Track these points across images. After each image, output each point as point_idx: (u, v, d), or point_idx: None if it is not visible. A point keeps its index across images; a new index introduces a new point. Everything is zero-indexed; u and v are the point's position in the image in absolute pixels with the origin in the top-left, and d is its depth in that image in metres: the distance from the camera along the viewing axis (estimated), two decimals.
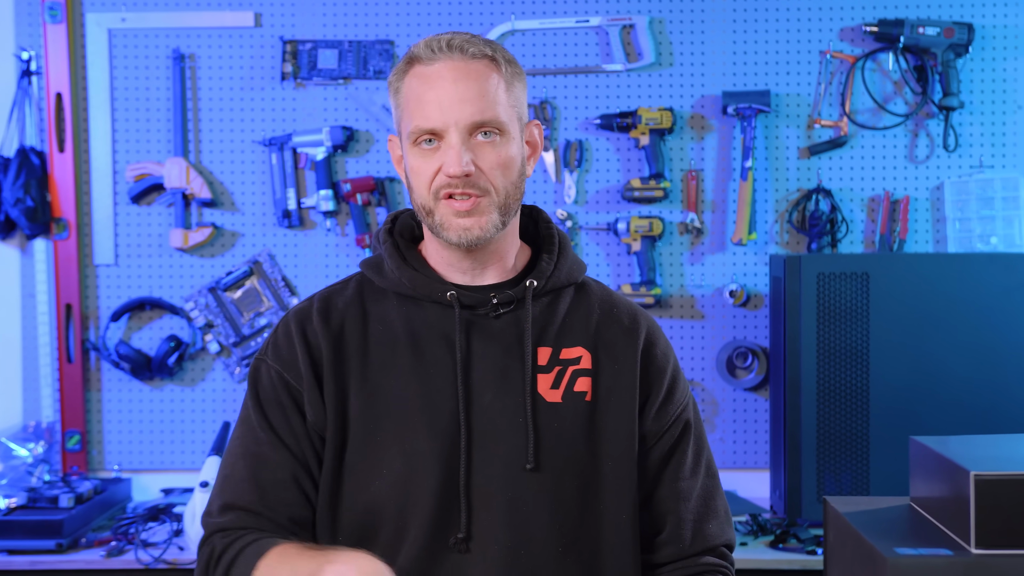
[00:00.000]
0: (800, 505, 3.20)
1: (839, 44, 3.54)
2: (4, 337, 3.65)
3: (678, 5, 3.55)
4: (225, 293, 3.63)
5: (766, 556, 3.02)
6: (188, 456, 3.63)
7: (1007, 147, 3.53)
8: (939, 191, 3.54)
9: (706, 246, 3.59)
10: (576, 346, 1.89)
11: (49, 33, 3.54)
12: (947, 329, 3.17)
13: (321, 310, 1.87)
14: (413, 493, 1.80)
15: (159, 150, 3.61)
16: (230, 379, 3.65)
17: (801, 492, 3.20)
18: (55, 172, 3.57)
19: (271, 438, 1.82)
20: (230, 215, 3.63)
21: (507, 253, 1.90)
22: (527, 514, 1.81)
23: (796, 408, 3.21)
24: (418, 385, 1.82)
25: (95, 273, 3.64)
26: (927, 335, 3.17)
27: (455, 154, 1.74)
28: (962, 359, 3.17)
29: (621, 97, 3.57)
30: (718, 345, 3.60)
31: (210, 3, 3.58)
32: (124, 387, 3.64)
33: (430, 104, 1.76)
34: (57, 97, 3.56)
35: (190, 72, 3.60)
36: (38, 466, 3.50)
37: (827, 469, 3.19)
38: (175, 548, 3.05)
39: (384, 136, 3.58)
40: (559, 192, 3.58)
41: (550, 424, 1.84)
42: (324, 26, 3.58)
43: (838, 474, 3.19)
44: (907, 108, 3.53)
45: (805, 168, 3.56)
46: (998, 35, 3.51)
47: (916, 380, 3.17)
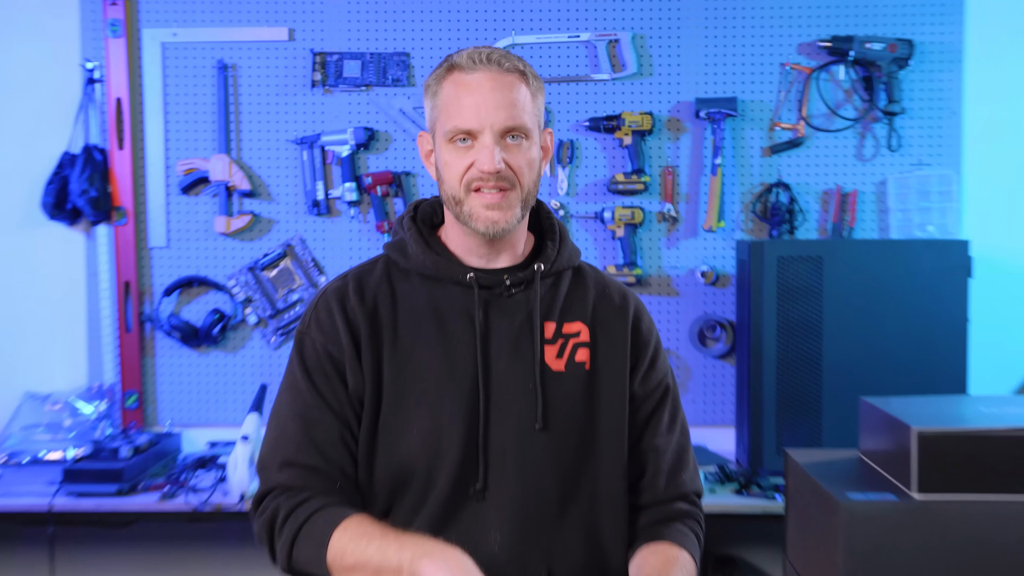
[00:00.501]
0: (761, 457, 3.21)
1: (797, 57, 3.54)
2: (71, 310, 3.65)
3: (657, 23, 3.55)
4: (262, 272, 3.63)
5: (732, 501, 3.03)
6: (230, 413, 3.63)
7: (942, 148, 3.53)
8: (883, 186, 3.54)
9: (681, 232, 3.59)
10: (576, 321, 1.91)
11: (110, 46, 3.54)
12: (890, 305, 3.18)
13: (356, 289, 1.89)
14: (440, 449, 1.82)
15: (205, 148, 3.61)
16: (267, 347, 3.64)
17: (762, 446, 3.21)
18: (115, 167, 3.57)
19: (319, 402, 1.83)
20: (267, 204, 3.63)
21: (519, 241, 1.93)
22: (535, 468, 1.83)
23: (758, 373, 3.22)
24: (442, 355, 1.84)
25: (150, 255, 3.63)
26: (872, 310, 3.18)
27: (489, 153, 1.76)
28: (902, 331, 3.18)
29: (607, 103, 3.57)
30: (691, 319, 3.60)
31: (250, 20, 3.58)
32: (175, 353, 3.65)
33: (468, 108, 1.78)
34: (117, 102, 3.55)
35: (232, 80, 3.60)
36: (101, 422, 3.53)
37: (785, 425, 3.21)
38: (220, 493, 3.06)
39: (400, 136, 3.58)
40: (553, 185, 3.58)
41: (555, 390, 1.86)
42: (349, 40, 3.58)
43: (794, 430, 3.20)
44: (856, 113, 3.53)
45: (767, 165, 3.56)
46: (935, 50, 3.51)
47: (862, 349, 3.18)
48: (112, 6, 3.52)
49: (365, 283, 1.90)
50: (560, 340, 1.89)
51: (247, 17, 3.57)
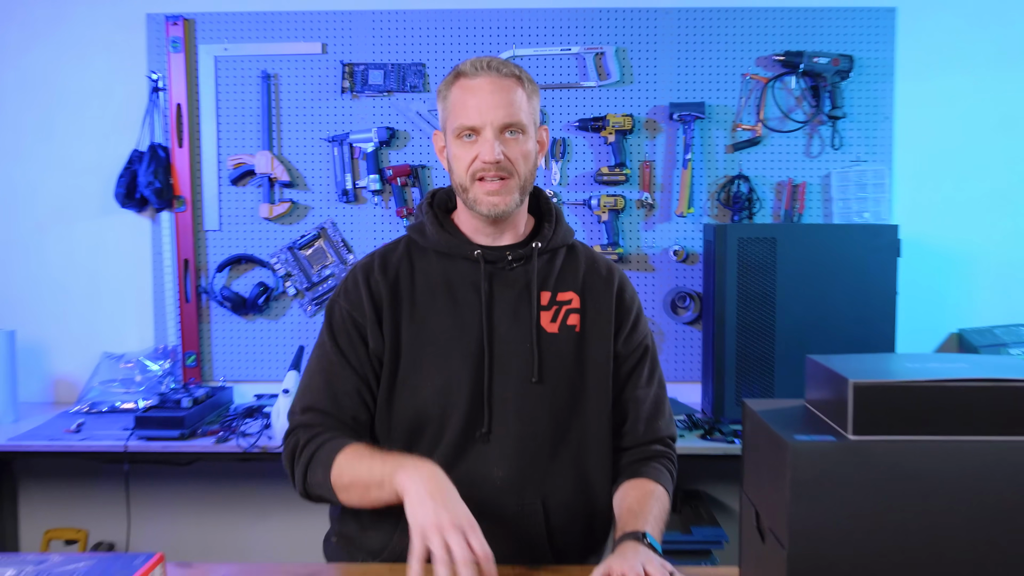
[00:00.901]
0: (723, 407, 3.23)
1: (755, 68, 3.53)
2: (140, 284, 3.66)
3: (637, 38, 3.54)
4: (299, 251, 3.62)
5: (698, 444, 3.04)
6: (273, 370, 3.65)
7: (877, 147, 3.53)
8: (827, 178, 3.54)
9: (656, 217, 3.58)
10: (568, 291, 1.93)
11: (172, 60, 3.54)
12: (832, 279, 3.19)
13: (380, 265, 1.91)
14: (450, 400, 1.84)
15: (251, 145, 3.61)
16: (303, 314, 3.65)
17: (724, 397, 3.23)
18: (176, 162, 3.57)
19: (341, 360, 1.87)
20: (303, 193, 3.62)
21: (519, 222, 1.94)
22: (532, 414, 1.86)
23: (721, 336, 3.23)
24: (453, 319, 1.87)
25: (205, 236, 3.64)
26: (817, 284, 3.19)
27: (490, 146, 1.78)
28: (842, 301, 3.19)
29: (594, 106, 3.55)
30: (664, 290, 3.60)
31: (288, 36, 3.57)
32: (226, 320, 3.66)
33: (472, 108, 1.80)
34: (177, 107, 3.55)
35: (274, 87, 3.58)
36: (166, 377, 3.54)
37: (743, 380, 3.22)
38: (265, 437, 3.07)
39: (417, 135, 3.58)
40: (548, 176, 3.57)
41: (549, 349, 1.88)
42: (373, 53, 3.56)
43: (751, 384, 3.22)
44: (805, 117, 3.53)
45: (730, 160, 3.56)
46: (871, 64, 3.51)
47: (809, 316, 3.19)
48: (173, 26, 3.53)
49: (389, 259, 1.92)
50: (554, 307, 1.90)
51: (286, 34, 3.57)
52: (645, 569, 1.57)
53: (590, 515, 1.93)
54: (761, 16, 3.51)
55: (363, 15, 3.56)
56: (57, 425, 3.25)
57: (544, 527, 1.87)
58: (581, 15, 3.54)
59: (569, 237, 1.98)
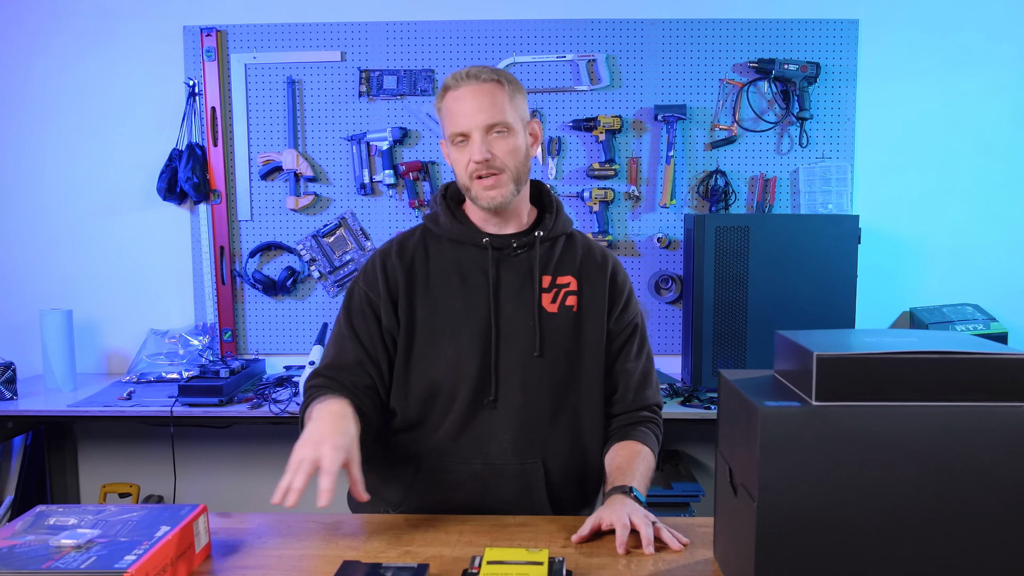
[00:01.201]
0: (701, 377, 3.24)
1: (732, 74, 3.52)
2: (181, 268, 3.67)
3: (625, 47, 3.53)
4: (322, 238, 3.62)
5: (679, 410, 3.05)
6: (300, 344, 3.67)
7: (840, 145, 3.53)
8: (795, 173, 3.54)
9: (642, 208, 3.58)
10: (567, 275, 1.93)
11: (207, 67, 3.54)
12: (799, 263, 3.19)
13: (398, 251, 1.92)
14: (461, 371, 1.86)
15: (278, 143, 3.61)
16: (326, 295, 3.66)
17: (702, 369, 3.24)
18: (211, 159, 3.58)
19: (352, 335, 1.89)
20: (325, 187, 3.62)
21: (522, 212, 1.94)
22: (533, 384, 1.87)
23: (699, 315, 3.23)
24: (463, 300, 1.88)
25: (238, 226, 3.64)
26: (786, 268, 3.19)
27: (477, 147, 1.79)
28: (808, 283, 3.19)
29: (586, 108, 3.55)
30: (649, 273, 3.61)
31: (311, 45, 3.56)
32: (258, 300, 3.67)
33: (459, 115, 1.81)
34: (212, 110, 3.56)
35: (298, 91, 3.58)
36: (205, 351, 3.56)
37: (719, 353, 3.23)
38: (294, 404, 3.08)
39: (427, 135, 3.57)
40: (545, 171, 3.58)
41: (550, 327, 1.89)
42: (387, 60, 3.56)
43: (726, 356, 3.23)
44: (776, 118, 3.52)
45: (708, 157, 3.55)
46: (836, 71, 3.50)
47: (778, 296, 3.19)
48: (207, 37, 3.53)
49: (406, 245, 1.93)
50: (554, 289, 1.91)
51: (309, 43, 3.56)
52: (631, 518, 1.59)
53: (584, 473, 1.95)
54: (737, 27, 3.51)
55: (378, 26, 3.56)
56: (111, 393, 3.27)
57: (544, 483, 1.88)
58: (575, 26, 3.53)
59: (568, 227, 1.99)
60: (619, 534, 1.56)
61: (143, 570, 1.27)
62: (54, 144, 3.66)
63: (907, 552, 1.20)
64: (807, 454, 1.19)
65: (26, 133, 3.66)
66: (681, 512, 3.16)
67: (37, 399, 3.23)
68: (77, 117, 3.65)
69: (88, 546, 1.33)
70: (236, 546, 1.61)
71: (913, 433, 1.19)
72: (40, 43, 3.63)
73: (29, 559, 1.28)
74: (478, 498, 1.87)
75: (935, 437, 1.19)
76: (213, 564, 1.52)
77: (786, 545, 1.20)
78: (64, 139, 3.66)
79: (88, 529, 1.40)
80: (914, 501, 1.19)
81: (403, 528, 1.70)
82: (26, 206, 3.69)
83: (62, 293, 3.69)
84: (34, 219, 3.70)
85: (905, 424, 1.19)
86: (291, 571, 1.49)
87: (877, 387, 1.20)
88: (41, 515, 1.48)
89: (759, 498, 1.20)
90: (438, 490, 1.87)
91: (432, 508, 1.85)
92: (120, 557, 1.29)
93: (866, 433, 1.19)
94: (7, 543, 1.35)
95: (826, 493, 1.20)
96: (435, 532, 1.67)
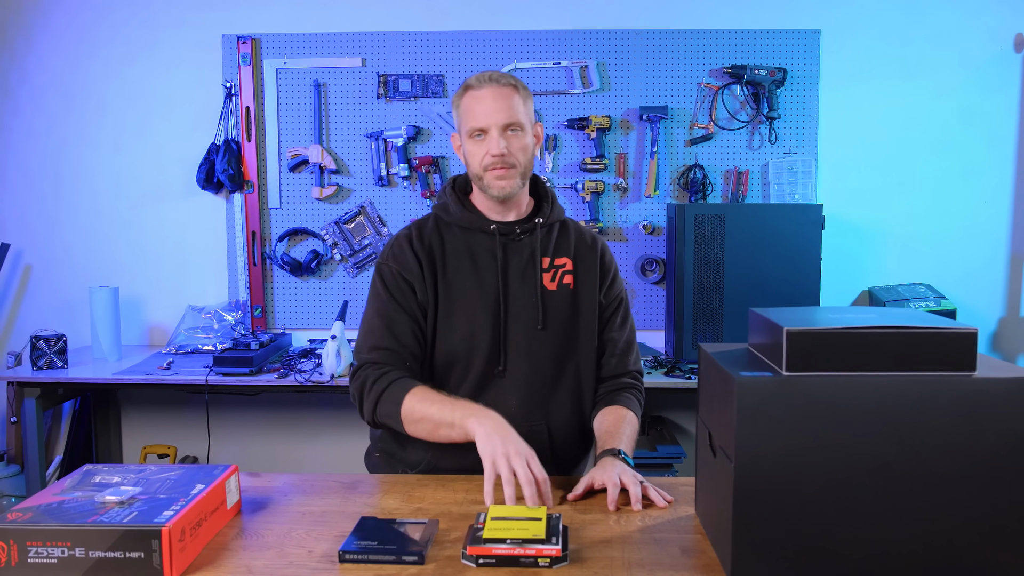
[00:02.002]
0: (682, 350, 3.23)
1: (708, 78, 3.50)
2: (217, 251, 3.65)
3: (614, 54, 3.50)
4: (344, 225, 3.60)
5: (662, 380, 3.04)
6: (323, 320, 3.65)
7: (805, 142, 3.50)
8: (766, 167, 3.51)
9: (629, 198, 3.56)
10: (564, 257, 1.94)
11: (242, 71, 3.52)
12: (769, 248, 3.18)
13: (417, 235, 1.91)
14: (474, 343, 1.85)
15: (305, 139, 3.58)
16: (347, 276, 3.64)
17: (683, 342, 3.23)
18: (245, 153, 3.55)
19: (396, 306, 1.85)
20: (347, 179, 3.60)
21: (522, 202, 1.94)
22: (538, 354, 1.87)
23: (681, 294, 3.22)
24: (475, 280, 1.87)
25: (269, 213, 3.62)
26: (757, 251, 3.18)
27: (495, 142, 1.79)
28: (777, 265, 3.18)
29: (579, 109, 3.53)
30: (635, 257, 3.59)
31: (335, 52, 3.54)
32: (286, 280, 3.65)
33: (480, 113, 1.80)
34: (246, 109, 3.53)
35: (323, 93, 3.56)
36: (238, 325, 3.55)
37: (698, 329, 3.21)
38: (316, 374, 3.07)
39: (438, 132, 3.55)
40: (542, 166, 3.55)
41: (550, 303, 1.89)
42: (402, 65, 3.53)
43: (705, 331, 3.21)
44: (748, 118, 3.50)
45: (688, 152, 3.53)
46: (801, 75, 3.48)
47: (750, 277, 3.18)
48: (243, 44, 3.50)
49: (423, 231, 1.91)
50: (553, 269, 1.91)
51: (333, 51, 3.54)
52: (621, 478, 1.59)
53: (583, 432, 1.95)
54: (713, 37, 3.48)
55: (395, 35, 3.53)
56: (152, 363, 3.25)
57: (548, 443, 1.88)
58: (569, 36, 3.50)
59: (562, 214, 1.99)
60: (610, 492, 1.56)
61: (179, 524, 1.25)
62: (105, 140, 3.65)
63: (868, 507, 1.19)
64: (779, 419, 1.18)
65: (81, 129, 3.65)
66: (665, 472, 3.16)
67: (85, 368, 3.22)
68: (126, 115, 3.63)
69: (130, 502, 1.31)
70: (264, 503, 1.59)
71: (874, 400, 1.18)
72: (94, 49, 3.62)
73: (76, 513, 1.26)
74: None
75: (893, 403, 1.18)
76: (243, 519, 1.50)
77: (760, 502, 1.19)
78: (114, 135, 3.64)
79: (130, 487, 1.38)
80: (874, 461, 1.18)
81: (415, 487, 1.69)
82: (79, 195, 3.68)
83: (110, 272, 3.68)
84: (86, 207, 3.68)
85: (866, 392, 1.18)
86: (313, 526, 1.47)
87: (841, 359, 1.19)
88: (88, 473, 1.46)
89: (736, 459, 1.19)
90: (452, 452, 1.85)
91: (447, 468, 1.84)
92: (159, 512, 1.27)
93: (831, 400, 1.18)
94: (57, 499, 1.33)
95: (796, 454, 1.18)
96: (444, 491, 1.66)
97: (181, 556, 1.26)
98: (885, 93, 3.51)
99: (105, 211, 3.67)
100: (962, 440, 1.18)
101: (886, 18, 3.49)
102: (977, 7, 3.48)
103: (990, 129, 3.52)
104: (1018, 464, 1.18)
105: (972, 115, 3.51)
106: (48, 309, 3.72)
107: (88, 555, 1.21)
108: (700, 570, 1.29)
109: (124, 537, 1.21)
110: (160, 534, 1.21)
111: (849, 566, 1.20)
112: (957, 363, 1.20)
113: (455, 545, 1.37)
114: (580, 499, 1.61)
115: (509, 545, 1.30)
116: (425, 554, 1.31)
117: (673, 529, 1.45)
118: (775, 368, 1.23)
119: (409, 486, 1.69)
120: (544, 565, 1.29)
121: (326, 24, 3.55)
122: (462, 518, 1.50)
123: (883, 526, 1.19)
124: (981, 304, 3.56)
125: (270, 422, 3.74)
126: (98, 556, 1.21)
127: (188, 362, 3.24)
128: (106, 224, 3.68)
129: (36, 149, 3.66)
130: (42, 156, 3.66)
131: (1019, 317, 3.55)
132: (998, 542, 1.19)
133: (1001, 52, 3.48)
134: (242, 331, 3.52)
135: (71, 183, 3.67)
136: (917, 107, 3.52)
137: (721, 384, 1.28)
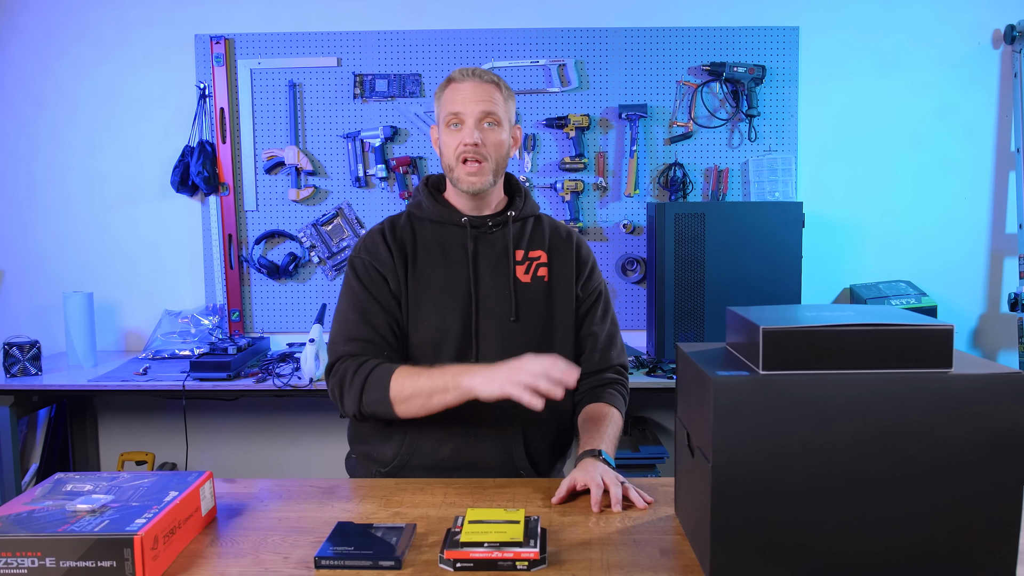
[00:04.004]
0: (664, 350, 3.24)
1: (687, 76, 3.51)
2: (193, 254, 3.62)
3: (592, 52, 3.51)
4: (321, 227, 3.59)
5: (644, 380, 3.06)
6: (301, 323, 3.63)
7: (785, 139, 3.52)
8: (746, 165, 3.52)
9: (609, 197, 3.56)
10: (538, 249, 1.94)
11: (216, 72, 3.50)
12: (749, 246, 3.19)
13: (389, 230, 1.91)
14: (445, 336, 1.85)
15: (281, 141, 3.57)
16: (325, 278, 3.62)
17: (664, 342, 3.24)
18: (220, 155, 3.53)
19: (370, 297, 1.85)
20: (323, 180, 3.59)
21: (495, 199, 1.95)
22: (511, 347, 1.84)
23: (662, 293, 3.22)
24: (446, 273, 1.88)
25: (245, 215, 3.60)
26: (738, 250, 3.19)
27: (470, 130, 1.81)
28: (757, 263, 3.19)
29: (558, 108, 3.53)
30: (616, 256, 3.59)
31: (310, 52, 3.52)
32: (263, 283, 3.63)
33: (458, 101, 1.82)
34: (221, 110, 3.51)
35: (299, 94, 3.54)
36: (215, 330, 3.52)
37: (680, 328, 3.22)
38: (295, 378, 3.06)
39: (415, 133, 3.54)
40: (521, 164, 3.56)
41: (524, 295, 1.90)
42: (379, 65, 3.52)
43: (685, 331, 3.22)
44: (727, 115, 3.51)
45: (668, 150, 3.54)
46: (780, 73, 3.50)
47: (731, 276, 3.19)
48: (216, 44, 3.48)
49: (396, 226, 1.92)
50: (527, 262, 1.91)
51: (308, 50, 3.52)
52: (603, 479, 1.59)
53: (558, 430, 1.95)
54: (692, 34, 3.49)
55: (371, 35, 3.52)
56: (128, 368, 3.23)
57: (522, 439, 1.88)
58: (547, 34, 3.50)
59: (536, 209, 1.99)
60: (594, 494, 1.56)
61: (152, 533, 1.25)
62: (77, 141, 3.61)
63: (845, 504, 1.20)
64: (755, 419, 1.18)
65: (52, 131, 3.61)
66: (648, 473, 3.17)
67: (60, 374, 3.19)
68: (98, 116, 3.60)
69: (102, 510, 1.30)
70: (240, 509, 1.58)
71: (850, 398, 1.18)
72: (64, 49, 3.58)
73: (46, 523, 1.25)
74: (462, 455, 1.86)
75: (870, 401, 1.19)
76: (218, 526, 1.49)
77: (738, 501, 1.20)
78: (86, 137, 3.61)
79: (102, 495, 1.37)
80: (852, 459, 1.19)
81: (393, 491, 1.68)
82: (51, 198, 3.64)
83: (84, 277, 3.65)
84: (58, 210, 3.64)
85: (843, 390, 1.18)
86: (290, 532, 1.47)
87: (818, 357, 1.20)
88: (59, 482, 1.45)
89: (713, 459, 1.20)
90: (425, 449, 1.85)
91: (420, 465, 1.84)
92: (131, 521, 1.26)
93: (808, 399, 1.18)
94: (27, 508, 1.32)
95: (773, 453, 1.19)
96: (422, 495, 1.66)
97: (154, 564, 1.25)
98: (864, 89, 3.53)
99: (78, 215, 3.64)
100: (939, 436, 1.19)
101: (864, 14, 3.51)
102: (955, 3, 3.51)
103: (969, 125, 3.55)
104: (994, 460, 1.19)
105: (951, 111, 3.54)
106: (21, 315, 3.68)
107: (59, 565, 1.20)
108: (679, 571, 1.30)
109: (96, 546, 1.20)
110: (132, 542, 1.20)
111: (827, 564, 1.20)
112: (933, 360, 1.21)
113: (432, 549, 1.38)
114: (564, 501, 1.61)
115: (487, 548, 1.30)
116: (402, 559, 1.31)
117: (653, 530, 1.46)
118: (752, 367, 1.23)
119: (387, 490, 1.69)
120: (522, 568, 1.29)
121: (301, 23, 3.53)
122: (440, 521, 1.51)
123: (861, 524, 1.20)
124: (962, 300, 3.59)
125: (249, 427, 3.72)
126: (69, 566, 1.20)
127: (165, 367, 3.21)
128: (79, 228, 3.64)
129: (6, 152, 3.62)
130: (12, 159, 3.63)
131: (999, 313, 3.58)
132: (975, 538, 1.20)
133: (979, 48, 3.51)
134: (219, 335, 3.49)
135: (43, 186, 3.63)
136: (896, 103, 3.54)
137: (698, 384, 1.28)
